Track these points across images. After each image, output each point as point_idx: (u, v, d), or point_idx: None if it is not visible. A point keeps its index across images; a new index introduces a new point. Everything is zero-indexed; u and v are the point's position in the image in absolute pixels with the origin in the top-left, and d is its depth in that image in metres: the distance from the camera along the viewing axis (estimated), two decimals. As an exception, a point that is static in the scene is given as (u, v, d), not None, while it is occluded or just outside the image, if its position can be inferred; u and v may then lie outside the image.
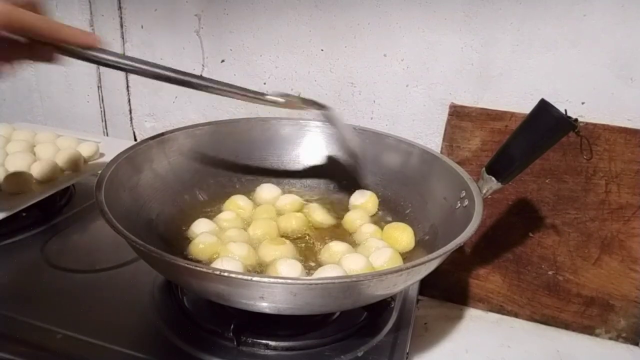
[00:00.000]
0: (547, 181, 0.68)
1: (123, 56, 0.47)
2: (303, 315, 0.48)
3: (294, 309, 0.44)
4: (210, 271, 0.41)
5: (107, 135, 1.01)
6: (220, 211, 0.66)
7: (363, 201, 0.69)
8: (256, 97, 0.54)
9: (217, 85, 0.52)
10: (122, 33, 0.91)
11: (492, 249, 0.72)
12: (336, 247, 0.58)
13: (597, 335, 0.70)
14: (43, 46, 0.42)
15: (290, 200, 0.69)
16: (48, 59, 0.44)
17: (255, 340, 0.52)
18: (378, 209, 0.69)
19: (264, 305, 0.44)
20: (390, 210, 0.69)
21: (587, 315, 0.70)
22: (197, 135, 0.70)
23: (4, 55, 0.41)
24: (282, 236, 0.62)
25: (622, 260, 0.67)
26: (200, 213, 0.65)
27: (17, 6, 0.39)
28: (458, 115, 0.72)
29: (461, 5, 0.70)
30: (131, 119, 0.98)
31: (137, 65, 0.49)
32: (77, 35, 0.43)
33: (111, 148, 0.83)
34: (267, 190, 0.70)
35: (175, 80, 0.50)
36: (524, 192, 0.70)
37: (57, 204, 0.77)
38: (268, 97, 0.55)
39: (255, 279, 0.41)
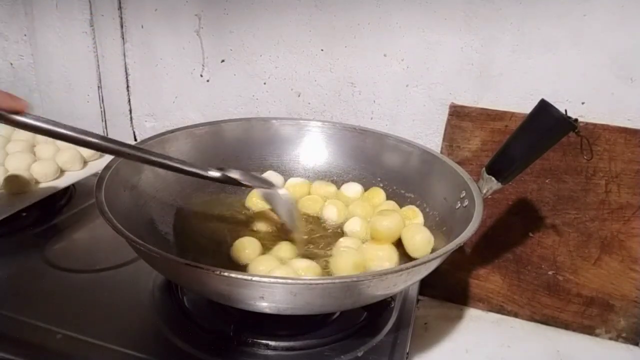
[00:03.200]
0: (547, 181, 0.68)
1: (54, 123, 0.44)
2: (303, 315, 0.48)
3: (294, 309, 0.44)
4: (210, 271, 0.41)
5: (107, 135, 1.01)
6: (220, 211, 0.66)
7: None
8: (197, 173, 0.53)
9: (153, 157, 0.50)
10: (122, 33, 0.91)
11: (492, 249, 0.72)
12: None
13: (597, 335, 0.70)
14: None
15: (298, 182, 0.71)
16: None
17: (255, 340, 0.52)
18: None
19: (264, 305, 0.44)
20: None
21: (587, 315, 0.70)
22: (197, 135, 0.70)
23: None
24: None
25: (622, 260, 0.67)
26: (199, 212, 0.65)
27: None
28: (458, 115, 0.72)
29: (461, 5, 0.70)
30: (131, 119, 0.98)
31: (67, 133, 0.45)
32: (6, 100, 0.41)
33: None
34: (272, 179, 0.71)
35: (106, 150, 0.48)
36: (524, 192, 0.70)
37: (57, 204, 0.77)
38: (210, 173, 0.53)
39: (255, 279, 0.41)
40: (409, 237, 0.58)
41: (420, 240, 0.57)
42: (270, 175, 0.72)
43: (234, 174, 0.56)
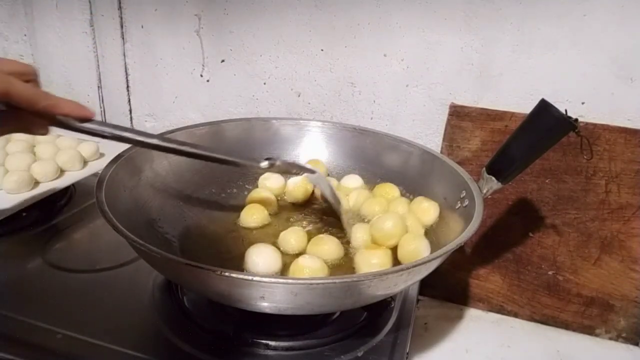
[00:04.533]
0: (547, 181, 0.68)
1: (120, 127, 0.47)
2: (303, 315, 0.48)
3: (294, 308, 0.44)
4: (210, 271, 0.41)
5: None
6: (221, 211, 0.66)
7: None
8: (249, 164, 0.56)
9: (208, 153, 0.53)
10: (122, 33, 0.91)
11: (492, 249, 0.72)
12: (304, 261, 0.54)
13: (597, 335, 0.70)
14: (36, 118, 0.42)
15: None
16: (40, 132, 0.45)
17: (255, 340, 0.52)
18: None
19: (265, 305, 0.44)
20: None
21: (587, 315, 0.70)
22: (197, 135, 0.70)
23: None
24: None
25: (622, 260, 0.67)
26: (199, 213, 0.65)
27: (14, 76, 0.39)
28: (458, 115, 0.72)
29: (461, 5, 0.70)
30: (131, 119, 0.98)
31: (132, 137, 0.48)
32: (74, 109, 0.43)
33: (111, 148, 0.82)
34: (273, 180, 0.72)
35: (170, 150, 0.51)
36: (524, 192, 0.70)
37: (57, 204, 0.77)
38: (262, 164, 0.56)
39: (255, 279, 0.41)
40: (403, 244, 0.56)
41: (413, 250, 0.55)
42: (270, 176, 0.72)
43: (283, 163, 0.59)
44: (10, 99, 0.39)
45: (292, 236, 0.59)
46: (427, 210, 0.61)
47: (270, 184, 0.71)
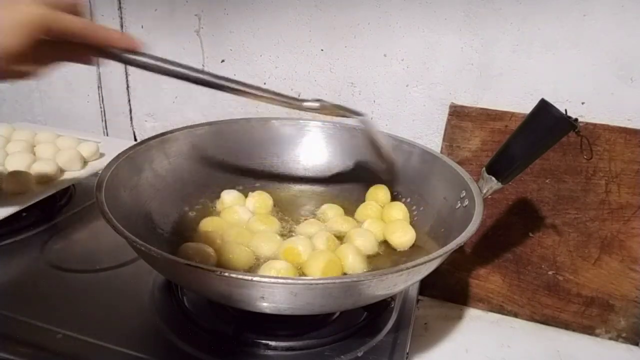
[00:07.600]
0: (547, 181, 0.68)
1: (162, 59, 0.47)
2: (303, 315, 0.48)
3: (294, 309, 0.44)
4: (210, 271, 0.41)
5: (107, 135, 1.01)
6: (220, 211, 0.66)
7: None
8: (291, 102, 0.53)
9: (250, 90, 0.54)
10: (122, 33, 0.91)
11: (492, 249, 0.72)
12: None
13: (597, 335, 0.70)
14: (82, 48, 0.42)
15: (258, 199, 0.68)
16: (85, 61, 0.45)
17: (255, 340, 0.52)
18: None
19: (264, 305, 0.44)
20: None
21: (587, 315, 0.70)
22: (197, 135, 0.70)
23: (41, 57, 0.41)
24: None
25: (622, 260, 0.67)
26: (200, 213, 0.65)
27: (57, 9, 0.39)
28: (458, 115, 0.72)
29: (461, 5, 0.70)
30: (131, 119, 0.98)
31: (174, 69, 0.48)
32: (119, 39, 0.44)
33: (111, 148, 0.82)
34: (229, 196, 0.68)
35: (212, 84, 0.52)
36: (524, 192, 0.70)
37: (57, 204, 0.77)
38: (305, 104, 0.53)
39: (255, 279, 0.41)
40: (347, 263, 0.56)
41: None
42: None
43: (328, 103, 0.55)
44: (53, 34, 0.39)
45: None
46: (398, 236, 0.61)
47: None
